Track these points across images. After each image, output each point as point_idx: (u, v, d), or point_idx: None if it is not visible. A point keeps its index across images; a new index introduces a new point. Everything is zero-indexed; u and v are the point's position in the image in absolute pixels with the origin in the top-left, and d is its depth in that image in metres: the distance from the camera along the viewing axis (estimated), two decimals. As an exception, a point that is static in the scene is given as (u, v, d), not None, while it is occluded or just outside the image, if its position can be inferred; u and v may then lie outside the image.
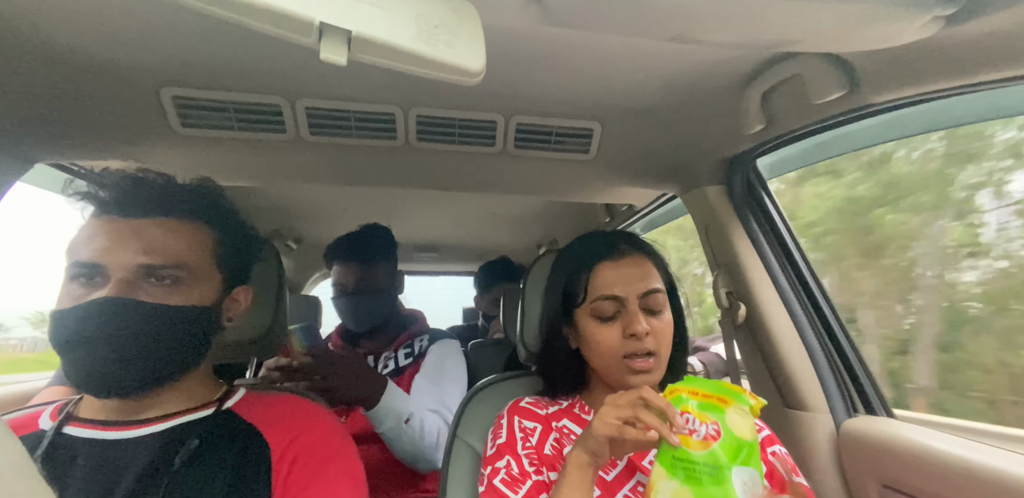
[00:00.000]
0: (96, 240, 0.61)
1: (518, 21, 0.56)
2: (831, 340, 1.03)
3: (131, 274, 0.60)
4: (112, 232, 0.62)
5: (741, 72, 0.84)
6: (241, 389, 0.74)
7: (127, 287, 0.59)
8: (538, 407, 0.79)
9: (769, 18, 0.52)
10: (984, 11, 0.52)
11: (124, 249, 0.60)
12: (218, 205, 0.72)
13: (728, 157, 1.06)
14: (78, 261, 0.60)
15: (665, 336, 0.73)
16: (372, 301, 1.36)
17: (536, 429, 0.75)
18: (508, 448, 0.73)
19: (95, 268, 0.60)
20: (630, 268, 0.74)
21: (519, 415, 0.77)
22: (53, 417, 0.65)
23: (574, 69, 0.84)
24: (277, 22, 0.39)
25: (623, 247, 0.77)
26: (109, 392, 0.61)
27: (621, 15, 0.52)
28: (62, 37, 0.73)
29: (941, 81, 0.64)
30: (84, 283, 0.60)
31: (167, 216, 0.65)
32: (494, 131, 1.05)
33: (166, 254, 0.62)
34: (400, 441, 1.07)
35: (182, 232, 0.65)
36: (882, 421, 0.93)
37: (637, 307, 0.72)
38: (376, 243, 1.40)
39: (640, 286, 0.73)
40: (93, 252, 0.60)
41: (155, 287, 0.61)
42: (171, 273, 0.62)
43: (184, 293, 0.63)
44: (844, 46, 0.61)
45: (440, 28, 0.44)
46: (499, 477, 0.69)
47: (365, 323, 1.37)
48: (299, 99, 0.95)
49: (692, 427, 0.57)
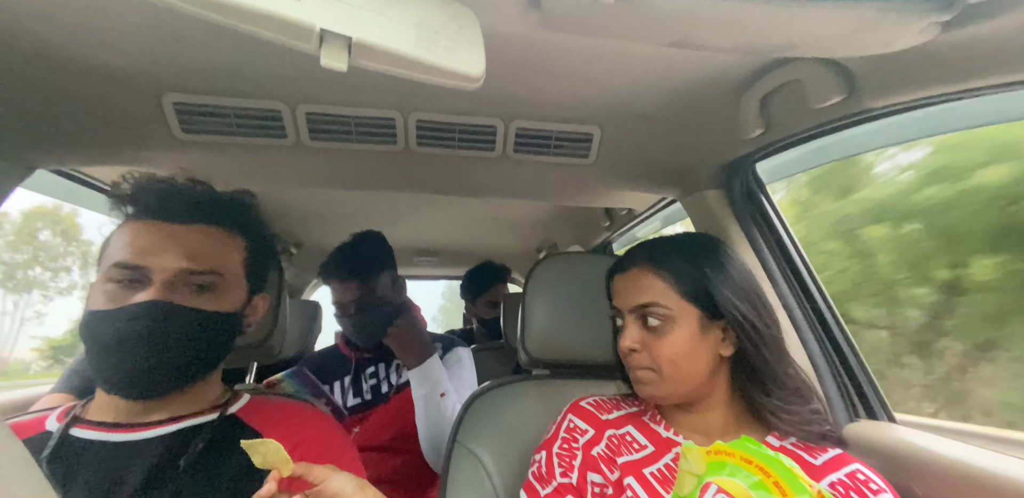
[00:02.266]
0: (138, 242, 0.62)
1: (518, 27, 0.56)
2: (832, 344, 1.02)
3: (173, 277, 0.61)
4: (155, 235, 0.63)
5: (740, 77, 0.84)
6: (245, 394, 0.75)
7: (168, 290, 0.61)
8: (600, 410, 0.76)
9: (767, 24, 0.52)
10: (980, 17, 0.52)
11: (167, 252, 0.62)
12: (251, 215, 0.75)
13: (727, 161, 1.07)
14: (120, 262, 0.61)
15: (661, 355, 0.67)
16: (377, 317, 1.28)
17: (587, 432, 0.73)
18: (548, 444, 0.74)
19: (138, 270, 0.61)
20: (628, 279, 0.72)
21: (574, 414, 0.76)
22: (60, 419, 0.66)
23: (573, 74, 0.85)
24: (278, 29, 0.39)
25: (637, 258, 0.73)
26: (143, 393, 0.62)
27: (619, 21, 0.53)
28: (63, 43, 0.73)
29: (938, 86, 0.64)
30: (125, 285, 0.61)
31: (207, 223, 0.67)
32: (494, 136, 1.06)
33: (205, 260, 0.64)
34: (430, 411, 1.11)
35: (219, 239, 0.68)
36: (884, 426, 0.92)
37: (630, 321, 0.70)
38: (373, 255, 1.34)
39: (632, 299, 0.70)
40: (135, 254, 0.61)
41: (191, 293, 0.63)
42: (208, 279, 0.64)
43: (216, 299, 0.65)
44: (842, 51, 0.61)
45: (440, 34, 0.44)
46: (533, 469, 0.72)
47: (373, 339, 1.30)
48: (300, 104, 0.95)
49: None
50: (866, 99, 0.72)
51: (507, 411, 0.90)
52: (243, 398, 0.74)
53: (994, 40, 0.55)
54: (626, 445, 0.71)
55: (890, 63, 0.65)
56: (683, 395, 0.70)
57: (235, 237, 0.70)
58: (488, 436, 0.87)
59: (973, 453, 0.75)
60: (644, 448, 0.71)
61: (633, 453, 0.70)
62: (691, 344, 0.67)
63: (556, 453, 0.71)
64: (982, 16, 0.52)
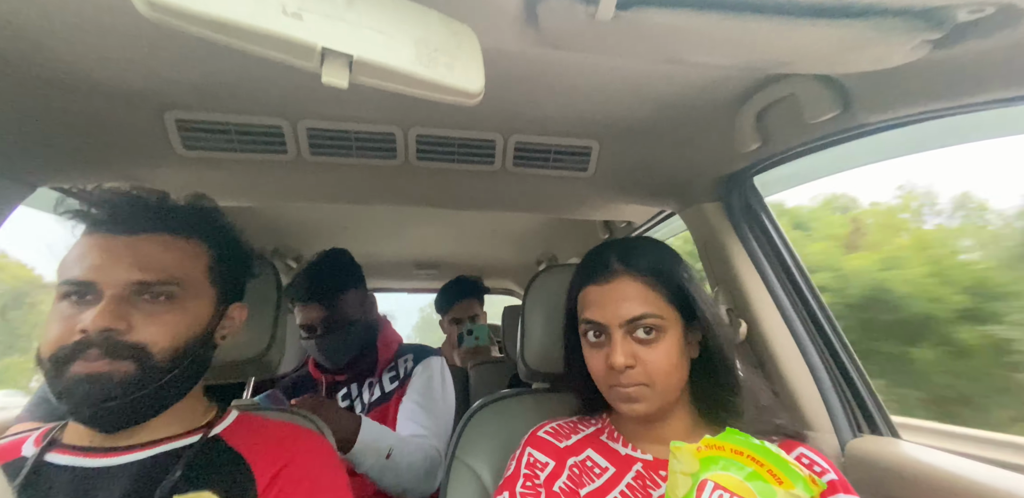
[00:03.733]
0: (87, 257, 0.60)
1: (516, 44, 0.57)
2: (834, 358, 1.02)
3: (124, 290, 0.59)
4: (104, 249, 0.61)
5: (736, 92, 0.85)
6: (233, 412, 0.73)
7: (121, 304, 0.58)
8: (559, 437, 0.74)
9: (761, 41, 0.53)
10: (971, 36, 0.53)
11: (116, 265, 0.59)
12: (212, 221, 0.72)
13: (725, 175, 1.07)
14: (69, 279, 0.59)
15: (657, 367, 0.65)
16: (344, 337, 1.25)
17: (548, 465, 0.70)
18: (509, 484, 0.70)
19: (87, 286, 0.59)
20: (613, 292, 0.67)
21: (533, 447, 0.73)
22: (37, 443, 0.63)
23: (571, 89, 0.86)
24: (281, 48, 0.40)
25: (613, 267, 0.69)
26: (111, 427, 0.60)
27: (616, 38, 0.53)
28: (65, 61, 0.74)
29: (932, 102, 0.65)
30: (75, 301, 0.59)
31: (160, 232, 0.64)
32: (493, 150, 1.06)
33: (160, 270, 0.61)
34: (384, 477, 1.03)
35: (176, 247, 0.65)
36: (888, 441, 0.91)
37: (620, 336, 0.65)
38: (333, 274, 1.28)
39: (623, 312, 0.65)
40: (84, 269, 0.59)
41: (149, 304, 0.60)
42: (165, 289, 0.61)
43: (179, 309, 0.62)
44: (835, 68, 0.62)
45: (439, 51, 0.45)
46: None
47: (341, 360, 1.27)
48: (300, 120, 0.96)
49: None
50: (861, 114, 0.73)
51: (507, 425, 0.88)
52: (230, 416, 0.71)
53: (985, 58, 0.56)
54: (587, 472, 0.70)
55: (884, 79, 0.66)
56: (665, 405, 0.68)
57: (195, 244, 0.67)
58: (486, 452, 0.86)
59: (976, 469, 0.74)
60: (605, 471, 0.69)
61: (595, 480, 0.68)
62: (678, 351, 0.67)
63: (520, 493, 0.68)
64: (972, 35, 0.53)
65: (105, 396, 0.56)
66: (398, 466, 1.03)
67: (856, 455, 0.91)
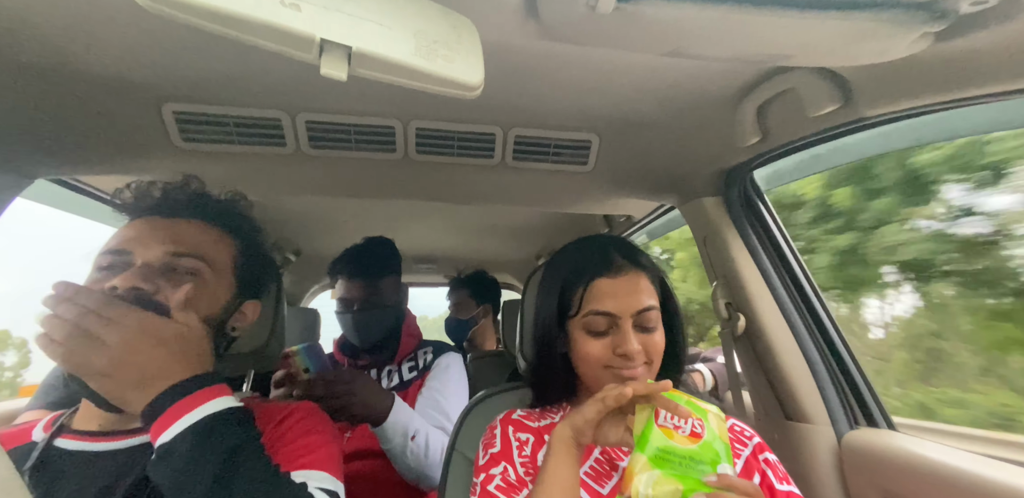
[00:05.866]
0: (126, 233, 0.65)
1: (516, 36, 0.57)
2: (831, 351, 1.02)
3: (156, 261, 0.63)
4: (142, 227, 0.66)
5: (736, 86, 0.85)
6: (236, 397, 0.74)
7: (149, 274, 0.61)
8: (530, 420, 0.78)
9: (762, 34, 0.53)
10: (973, 28, 0.53)
11: (151, 239, 0.64)
12: (246, 219, 0.76)
13: (725, 169, 1.07)
14: (105, 249, 0.63)
15: (657, 351, 0.73)
16: (377, 317, 1.34)
17: (529, 440, 0.74)
18: (503, 455, 0.72)
19: (121, 254, 0.62)
20: (626, 285, 0.73)
21: (512, 426, 0.77)
22: (47, 429, 0.65)
23: (572, 82, 0.85)
24: (279, 39, 0.39)
25: (620, 262, 0.75)
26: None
27: (616, 31, 0.53)
28: (64, 53, 0.74)
29: (932, 95, 0.65)
30: (107, 272, 0.62)
31: (196, 218, 0.70)
32: (493, 143, 1.06)
33: (190, 245, 0.66)
34: (404, 458, 1.05)
35: (209, 233, 0.70)
36: (884, 433, 0.92)
37: (630, 325, 0.71)
38: (382, 258, 1.39)
39: (635, 304, 0.72)
40: (121, 241, 0.64)
41: (176, 277, 0.63)
42: (192, 264, 0.65)
43: (201, 286, 0.65)
44: (836, 61, 0.62)
45: (439, 43, 0.45)
46: (494, 483, 0.68)
47: (370, 339, 1.35)
48: (299, 113, 0.96)
49: (675, 422, 0.58)
50: (862, 107, 0.73)
51: (497, 417, 0.89)
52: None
53: (987, 50, 0.56)
54: None
55: (885, 72, 0.65)
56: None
57: (225, 235, 0.72)
58: None
59: (972, 461, 0.75)
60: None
61: None
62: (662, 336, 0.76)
63: (519, 462, 0.71)
64: (975, 27, 0.53)
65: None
66: (419, 450, 1.06)
67: (853, 447, 0.92)
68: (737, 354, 1.13)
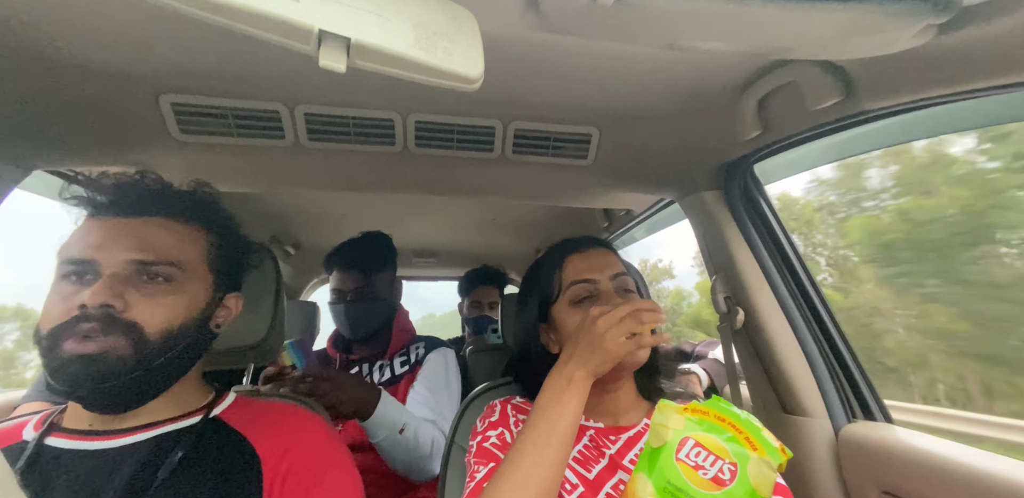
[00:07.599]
0: (88, 238, 0.61)
1: (516, 28, 0.56)
2: (829, 345, 1.03)
3: (123, 270, 0.60)
4: (105, 230, 0.62)
5: (737, 79, 0.84)
6: (231, 394, 0.73)
7: (119, 283, 0.59)
8: (528, 406, 0.80)
9: (764, 26, 0.52)
10: (976, 20, 0.53)
11: (116, 245, 0.60)
12: (213, 208, 0.72)
13: (725, 163, 1.07)
14: (69, 258, 0.60)
15: None
16: (369, 309, 1.35)
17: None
18: (501, 423, 0.75)
19: (86, 264, 0.60)
20: (597, 256, 0.79)
21: (512, 407, 0.80)
22: (37, 427, 0.64)
23: (572, 75, 0.85)
24: (277, 30, 0.39)
25: (586, 241, 0.82)
26: (108, 409, 0.61)
27: (617, 23, 0.53)
28: (61, 44, 0.73)
29: (935, 88, 0.65)
30: (75, 281, 0.60)
31: (160, 215, 0.65)
32: (492, 137, 1.06)
33: (159, 251, 0.62)
34: (394, 451, 1.06)
35: (175, 231, 0.66)
36: (881, 427, 0.93)
37: (611, 287, 0.76)
38: (377, 251, 1.41)
39: (609, 270, 0.77)
40: (84, 249, 0.60)
41: (147, 285, 0.61)
42: (164, 270, 0.62)
43: (176, 291, 0.63)
44: (838, 54, 0.62)
45: (439, 35, 0.44)
46: (490, 442, 0.71)
47: (360, 330, 1.36)
48: (298, 105, 0.95)
49: (700, 461, 0.50)
50: (863, 101, 0.72)
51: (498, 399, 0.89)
52: (229, 398, 0.72)
53: (990, 42, 0.55)
54: None
55: (887, 65, 0.65)
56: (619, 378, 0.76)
57: (194, 230, 0.68)
58: None
59: (969, 453, 0.75)
60: None
61: None
62: None
63: (515, 432, 0.73)
64: (978, 19, 0.53)
65: (98, 376, 0.56)
66: (408, 442, 1.07)
67: (850, 440, 0.93)
68: (736, 348, 1.14)
